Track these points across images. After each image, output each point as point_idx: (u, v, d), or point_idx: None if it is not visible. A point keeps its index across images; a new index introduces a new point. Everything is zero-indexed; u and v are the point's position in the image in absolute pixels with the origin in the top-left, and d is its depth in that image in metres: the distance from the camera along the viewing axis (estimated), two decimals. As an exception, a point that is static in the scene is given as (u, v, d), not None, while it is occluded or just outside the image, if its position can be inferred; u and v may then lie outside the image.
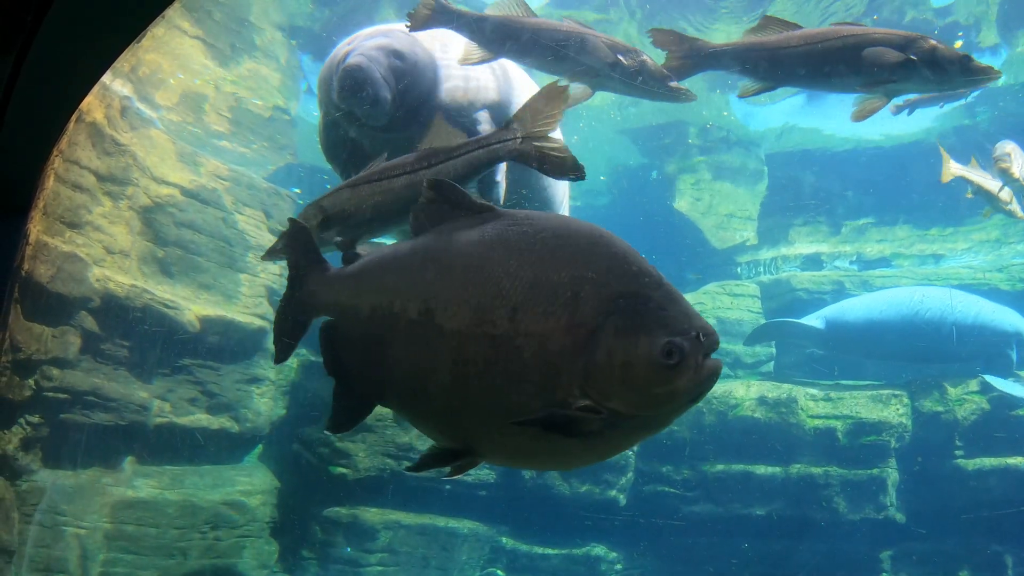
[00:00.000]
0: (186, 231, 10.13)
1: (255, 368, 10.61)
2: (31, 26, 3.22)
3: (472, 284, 2.73)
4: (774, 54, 4.83)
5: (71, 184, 8.39)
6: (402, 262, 3.06)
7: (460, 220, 2.95)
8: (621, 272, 2.63)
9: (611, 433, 2.61)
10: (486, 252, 2.76)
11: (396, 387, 3.03)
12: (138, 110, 10.08)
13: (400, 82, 5.27)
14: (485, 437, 2.81)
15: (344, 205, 4.15)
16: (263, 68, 11.75)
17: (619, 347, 2.51)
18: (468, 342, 2.68)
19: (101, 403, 8.77)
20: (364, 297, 3.10)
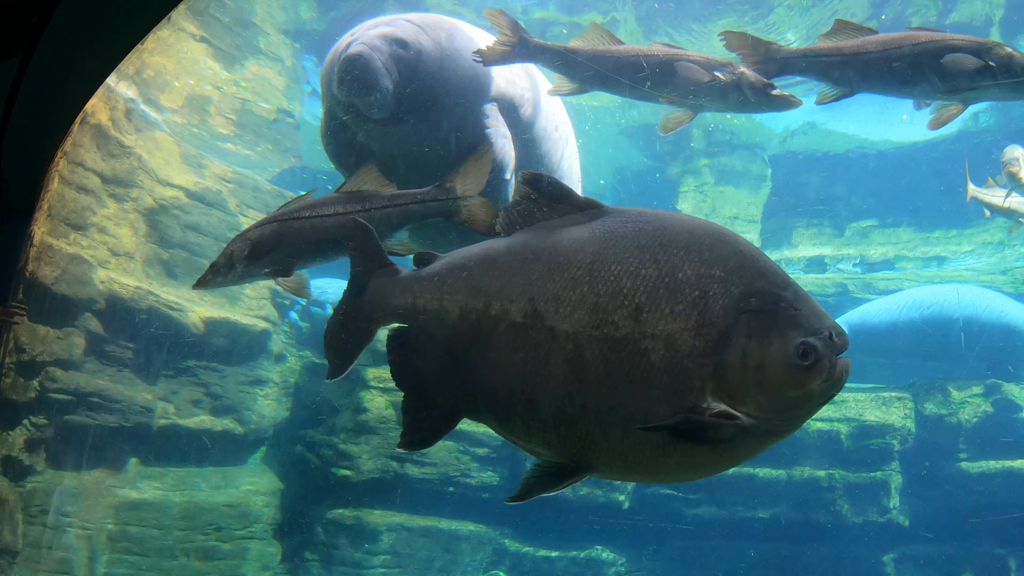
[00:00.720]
0: (191, 233, 10.16)
1: (259, 370, 10.63)
2: (36, 29, 3.24)
3: (587, 283, 2.55)
4: (851, 60, 4.67)
5: (76, 186, 8.42)
6: (498, 261, 2.81)
7: (563, 217, 2.79)
8: (749, 270, 2.50)
9: (742, 440, 2.46)
10: (601, 249, 2.58)
11: (494, 397, 2.77)
12: (143, 112, 10.12)
13: (403, 72, 5.01)
14: (603, 449, 2.58)
15: (272, 239, 4.16)
16: (267, 71, 11.77)
17: (753, 349, 2.38)
18: (586, 345, 2.50)
19: (105, 404, 8.80)
20: (451, 299, 2.87)
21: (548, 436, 2.67)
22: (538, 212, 2.83)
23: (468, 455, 10.69)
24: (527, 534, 10.70)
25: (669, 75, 4.83)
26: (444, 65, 5.19)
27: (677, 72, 4.78)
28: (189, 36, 10.34)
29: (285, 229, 4.19)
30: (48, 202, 6.02)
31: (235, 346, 10.29)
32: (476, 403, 2.87)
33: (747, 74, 4.76)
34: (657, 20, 11.51)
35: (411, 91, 5.08)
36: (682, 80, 4.80)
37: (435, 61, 5.15)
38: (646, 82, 4.91)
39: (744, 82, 4.75)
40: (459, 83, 5.23)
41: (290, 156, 13.02)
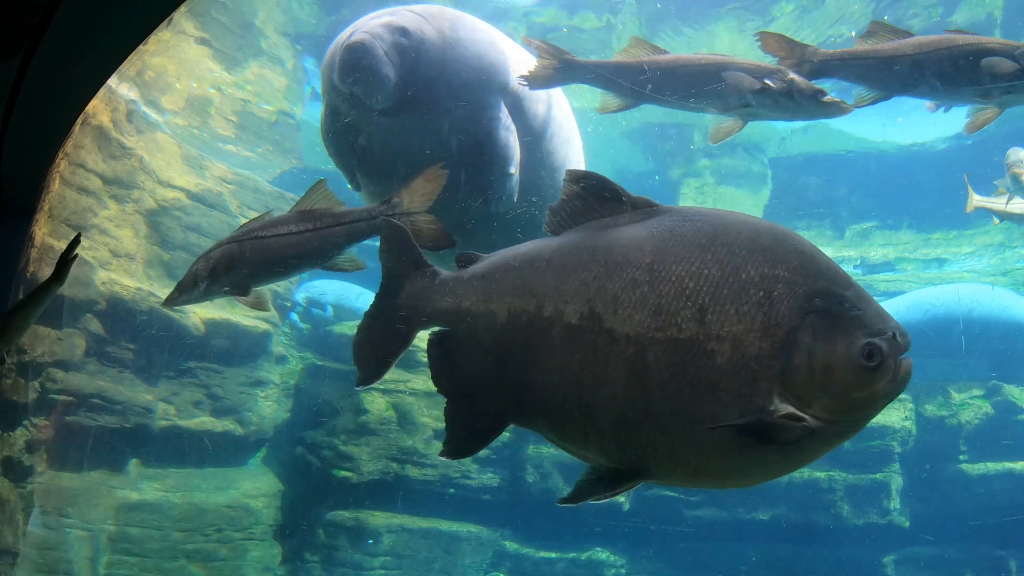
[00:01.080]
0: (192, 235, 10.17)
1: (259, 371, 10.63)
2: (36, 30, 3.25)
3: (648, 283, 2.48)
4: (888, 63, 4.59)
5: (77, 187, 8.42)
6: (550, 261, 2.72)
7: (616, 216, 2.71)
8: (812, 270, 2.46)
9: (808, 442, 2.42)
10: (660, 249, 2.51)
11: (547, 402, 2.67)
12: (144, 114, 10.12)
13: (405, 60, 4.91)
14: (665, 454, 2.52)
15: (231, 259, 4.24)
16: (268, 72, 11.78)
17: (819, 349, 2.35)
18: (649, 348, 2.42)
19: (106, 406, 8.80)
20: (499, 301, 2.76)
21: (606, 443, 2.59)
22: (587, 211, 2.75)
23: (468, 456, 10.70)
24: (527, 536, 10.70)
25: (716, 83, 4.72)
26: (447, 54, 5.08)
27: (726, 81, 4.66)
28: (190, 38, 10.35)
29: (243, 249, 4.24)
30: (49, 203, 6.03)
31: (236, 347, 10.30)
32: (526, 409, 2.77)
33: (797, 81, 4.64)
34: (658, 23, 11.53)
35: (413, 80, 4.96)
36: (731, 89, 4.67)
37: (438, 50, 5.04)
38: (695, 93, 4.78)
39: (795, 89, 4.63)
40: (462, 73, 5.12)
41: (291, 157, 13.02)
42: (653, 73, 4.81)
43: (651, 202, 2.72)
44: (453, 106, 5.13)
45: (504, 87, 5.30)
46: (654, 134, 14.45)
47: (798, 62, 4.75)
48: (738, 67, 4.68)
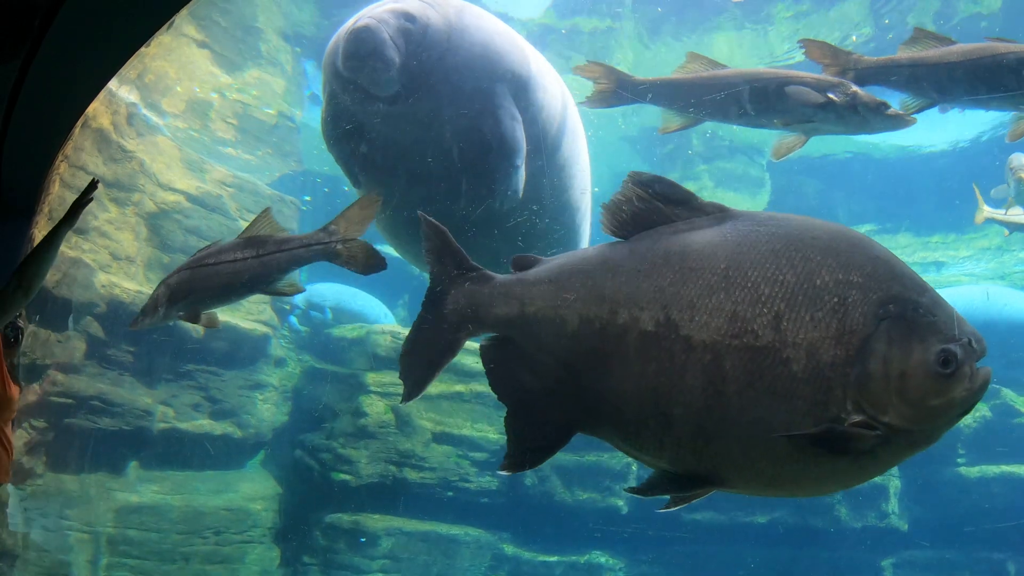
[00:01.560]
0: (191, 237, 10.18)
1: (258, 374, 10.63)
2: (37, 33, 3.26)
3: (723, 289, 2.42)
4: (933, 71, 4.49)
5: (77, 190, 8.38)
6: (622, 266, 2.63)
7: (686, 221, 2.64)
8: (886, 275, 2.41)
9: (882, 451, 2.38)
10: (735, 254, 2.46)
11: (622, 411, 2.59)
12: (144, 117, 10.13)
13: (410, 45, 4.80)
14: (741, 463, 2.47)
15: (186, 285, 4.39)
16: (268, 76, 11.79)
17: (894, 356, 2.30)
18: (726, 355, 2.37)
19: (106, 408, 8.81)
20: (570, 307, 2.66)
21: (682, 452, 2.52)
22: (654, 214, 2.69)
23: (467, 460, 10.69)
24: (526, 539, 10.70)
25: (780, 98, 4.60)
26: (452, 40, 4.97)
27: (789, 95, 4.55)
28: (191, 41, 10.37)
29: (194, 276, 4.40)
30: (49, 205, 6.05)
31: (235, 350, 10.30)
32: (596, 417, 2.69)
33: (860, 94, 4.54)
34: (656, 28, 11.55)
35: (418, 66, 4.83)
36: (795, 104, 4.56)
37: (443, 36, 4.94)
38: (757, 108, 4.67)
39: (859, 102, 4.53)
40: (468, 58, 5.00)
41: (290, 161, 13.03)
42: (714, 89, 4.70)
43: (722, 207, 2.67)
44: (458, 93, 5.00)
45: (510, 75, 5.16)
46: (652, 138, 14.47)
47: (842, 69, 4.66)
48: (800, 81, 4.57)
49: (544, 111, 5.42)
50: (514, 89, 5.13)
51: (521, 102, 5.12)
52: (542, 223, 5.59)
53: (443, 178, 4.97)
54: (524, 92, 5.18)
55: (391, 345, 11.12)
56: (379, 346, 11.15)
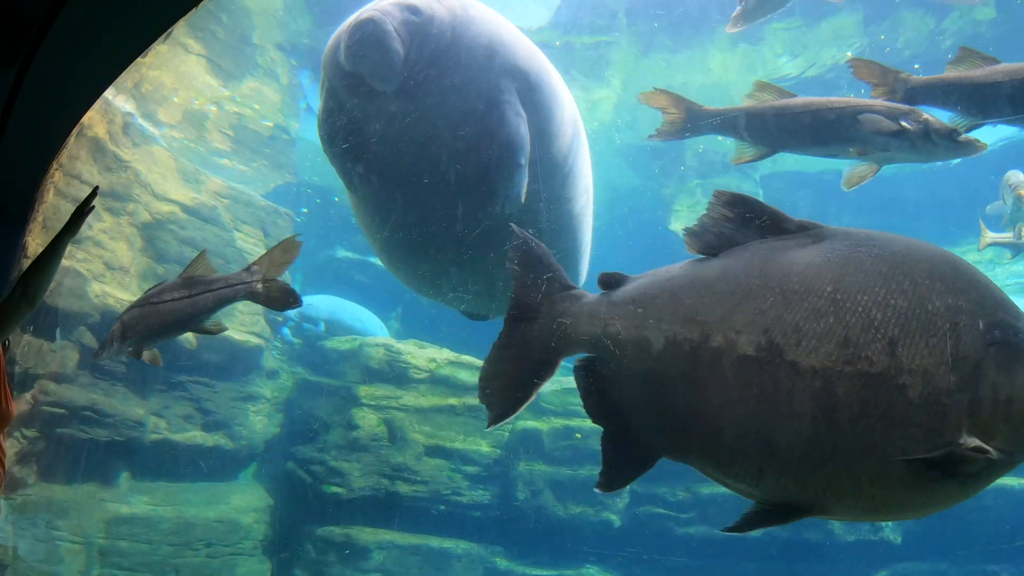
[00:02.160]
0: (186, 248, 10.17)
1: (250, 386, 10.60)
2: (34, 40, 3.28)
3: (832, 314, 2.37)
4: (981, 89, 4.43)
5: (72, 199, 8.42)
6: (713, 286, 2.56)
7: (779, 240, 2.57)
8: (991, 300, 2.42)
9: (987, 473, 2.38)
10: (841, 277, 2.41)
11: (717, 438, 2.50)
12: (140, 126, 10.13)
13: (414, 37, 4.67)
14: (848, 490, 2.41)
15: (134, 322, 4.66)
16: (264, 87, 11.82)
17: (1002, 382, 2.30)
18: (838, 382, 2.31)
19: (98, 418, 8.77)
20: (654, 328, 2.59)
21: (784, 480, 2.44)
22: (743, 233, 2.63)
23: (459, 473, 10.67)
24: (519, 553, 10.66)
25: (853, 127, 4.50)
26: (457, 31, 4.82)
27: (863, 124, 4.46)
28: (188, 51, 10.39)
29: (141, 314, 4.66)
30: (43, 213, 6.04)
31: (228, 362, 10.28)
32: (684, 443, 2.61)
33: (932, 121, 4.45)
34: (650, 42, 11.62)
35: (422, 57, 4.69)
36: (868, 132, 4.47)
37: (448, 27, 4.79)
38: (832, 137, 4.58)
39: (931, 129, 4.44)
40: (473, 50, 4.84)
41: (285, 172, 13.04)
42: (786, 119, 4.58)
43: (816, 224, 2.61)
44: (461, 86, 4.81)
45: (515, 70, 4.96)
46: (646, 152, 14.53)
47: (890, 89, 4.60)
48: (871, 109, 4.48)
49: (549, 112, 5.20)
50: (519, 85, 4.94)
51: (526, 101, 4.94)
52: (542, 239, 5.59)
53: (442, 177, 4.77)
54: (529, 91, 5.00)
55: (384, 358, 11.11)
56: (372, 359, 11.14)
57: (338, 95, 5.02)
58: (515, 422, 11.07)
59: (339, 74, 4.86)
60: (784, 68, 11.83)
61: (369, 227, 5.50)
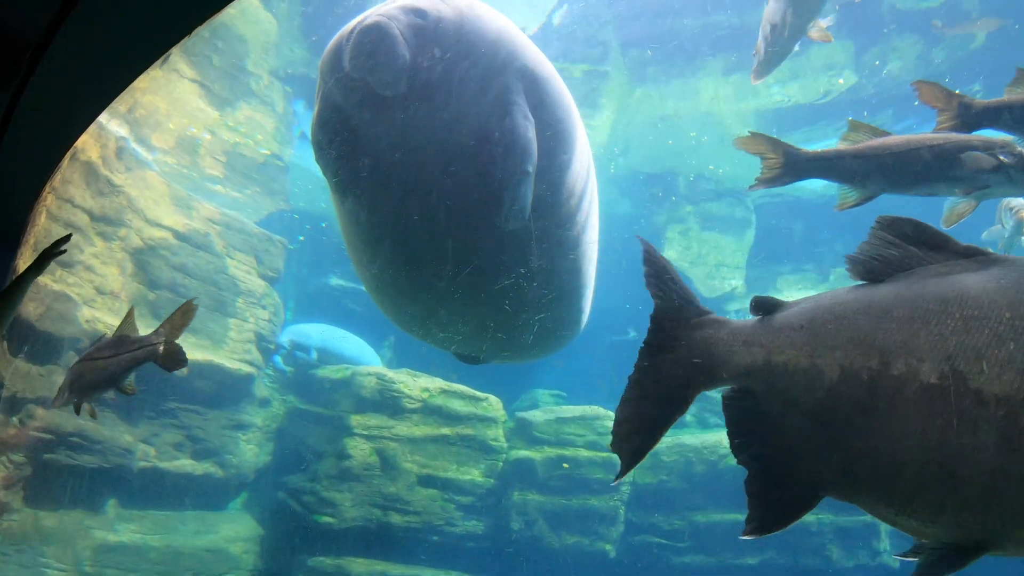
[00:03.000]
0: (177, 274, 10.14)
1: (241, 414, 10.52)
2: (28, 66, 3.27)
3: (1012, 339, 2.26)
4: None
5: (64, 222, 8.40)
6: (888, 312, 2.45)
7: (946, 264, 2.49)
8: None
9: None
10: (1016, 303, 2.31)
11: (892, 472, 2.38)
12: (134, 151, 10.15)
13: (421, 40, 4.48)
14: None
15: (76, 375, 5.00)
16: (258, 114, 11.85)
17: None
18: (1021, 411, 2.20)
19: (86, 445, 8.67)
20: (828, 356, 2.47)
21: (964, 515, 2.31)
22: (910, 258, 2.54)
23: (453, 503, 10.57)
24: (512, 583, 10.56)
25: (954, 165, 4.38)
26: (464, 29, 4.60)
27: (965, 162, 4.34)
28: (183, 77, 10.43)
29: (81, 368, 4.98)
30: (35, 237, 6.01)
31: (219, 390, 10.20)
32: (854, 479, 2.47)
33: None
34: (643, 70, 11.72)
35: (428, 59, 4.47)
36: (971, 170, 4.36)
37: (455, 26, 4.58)
38: (934, 176, 4.43)
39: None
40: (480, 47, 4.59)
41: (278, 200, 13.06)
42: (886, 160, 4.44)
43: (980, 249, 2.52)
44: (467, 84, 4.55)
45: (523, 71, 4.67)
46: (639, 180, 14.61)
47: (957, 116, 4.53)
48: (969, 145, 4.37)
49: (555, 119, 4.85)
50: (527, 88, 4.67)
51: (534, 105, 4.64)
52: (542, 265, 4.94)
53: (443, 184, 4.46)
54: (536, 96, 4.69)
55: (376, 387, 11.05)
56: (365, 388, 11.08)
57: (336, 101, 4.80)
58: (508, 451, 11.00)
59: (338, 79, 4.67)
60: (776, 96, 11.94)
61: (359, 246, 5.26)
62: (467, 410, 11.14)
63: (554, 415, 11.26)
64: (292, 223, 14.07)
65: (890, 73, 11.26)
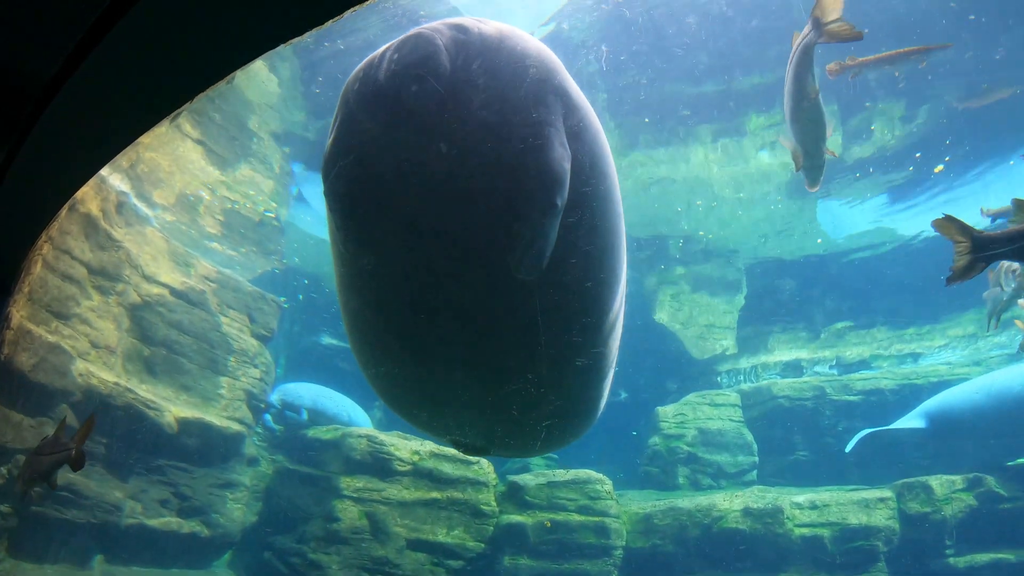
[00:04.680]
0: (172, 331, 10.18)
1: (229, 473, 10.43)
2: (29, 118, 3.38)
3: None
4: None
5: (61, 274, 8.47)
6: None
7: None
8: None
9: None
10: None
11: None
12: (134, 206, 10.28)
13: (460, 54, 4.15)
14: None
15: (29, 467, 6.01)
16: (257, 174, 12.03)
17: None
18: None
19: (74, 499, 8.59)
20: None
21: None
22: None
23: (443, 567, 10.42)
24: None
25: None
26: (504, 44, 4.19)
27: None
28: (186, 136, 10.62)
29: (31, 463, 5.93)
30: (30, 285, 6.08)
31: (208, 447, 10.14)
32: None
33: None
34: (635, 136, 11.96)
35: (466, 77, 4.06)
36: None
37: (495, 40, 4.21)
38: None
39: None
40: (520, 59, 4.20)
41: (273, 259, 13.17)
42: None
43: None
44: (501, 100, 4.12)
45: (561, 91, 4.24)
46: (631, 244, 14.76)
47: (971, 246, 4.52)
48: None
49: (591, 156, 4.32)
50: (566, 117, 4.22)
51: (570, 137, 4.21)
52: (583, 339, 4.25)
53: (457, 223, 3.96)
54: (576, 126, 4.24)
55: (367, 449, 10.98)
56: (355, 449, 11.00)
57: (357, 122, 4.27)
58: (499, 515, 10.88)
59: (365, 100, 4.20)
60: (764, 160, 12.17)
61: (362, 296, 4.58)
62: (458, 473, 11.05)
63: (546, 479, 11.17)
64: (286, 282, 14.16)
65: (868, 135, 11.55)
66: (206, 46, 2.78)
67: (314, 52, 9.66)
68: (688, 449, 12.93)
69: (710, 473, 12.80)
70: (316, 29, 2.28)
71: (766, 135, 11.66)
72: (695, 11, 9.54)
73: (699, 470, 12.65)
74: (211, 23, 2.35)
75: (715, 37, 9.92)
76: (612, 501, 10.93)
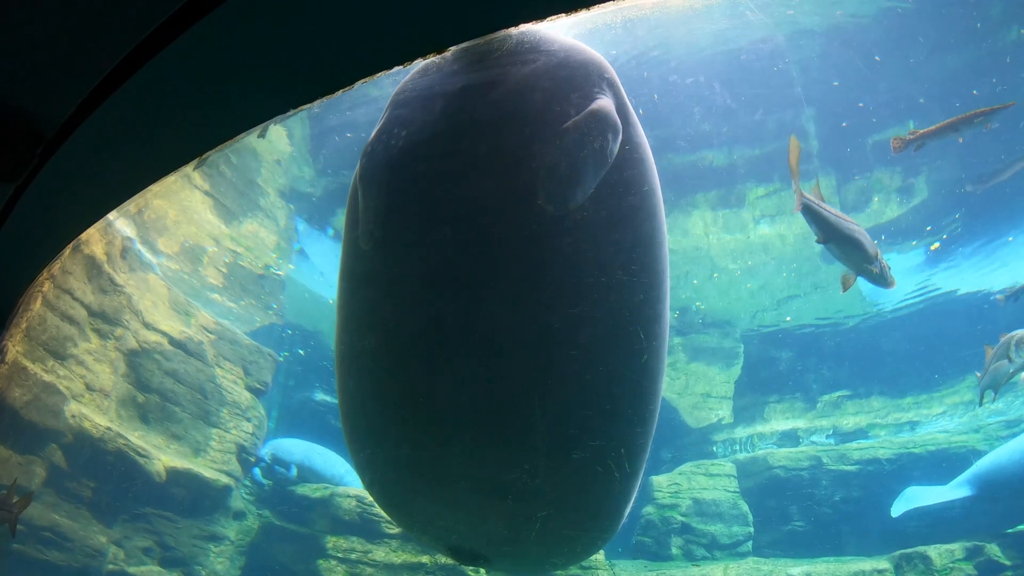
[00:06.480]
0: (168, 379, 10.21)
1: (215, 525, 10.33)
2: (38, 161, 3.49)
3: None
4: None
5: (61, 313, 8.54)
6: None
7: None
8: None
9: None
10: None
11: None
12: (139, 252, 10.40)
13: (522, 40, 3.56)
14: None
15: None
16: (262, 229, 12.18)
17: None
18: None
19: (57, 540, 8.51)
20: None
21: None
22: None
23: (428, 632, 10.25)
24: None
25: None
26: (560, 43, 3.74)
27: None
28: (195, 187, 10.81)
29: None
30: (27, 321, 6.14)
31: (194, 498, 10.06)
32: None
33: None
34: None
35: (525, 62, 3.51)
36: None
37: (550, 35, 3.73)
38: None
39: None
40: (577, 55, 3.70)
41: (271, 313, 13.22)
42: None
43: None
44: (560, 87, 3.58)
45: (612, 83, 3.71)
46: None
47: None
48: None
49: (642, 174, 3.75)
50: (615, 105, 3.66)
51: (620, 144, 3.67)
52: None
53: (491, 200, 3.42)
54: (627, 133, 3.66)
55: (355, 509, 10.88)
56: (343, 509, 10.90)
57: (406, 115, 3.78)
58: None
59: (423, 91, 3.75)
60: (763, 230, 12.30)
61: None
62: (448, 537, 10.92)
63: (536, 543, 11.02)
64: (282, 337, 14.21)
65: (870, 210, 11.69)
66: (217, 107, 2.88)
67: (325, 120, 9.87)
68: (682, 519, 12.78)
69: (704, 544, 12.62)
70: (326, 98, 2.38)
71: (766, 204, 11.81)
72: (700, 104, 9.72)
73: (693, 540, 12.48)
74: (223, 86, 2.46)
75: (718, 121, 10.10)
76: (605, 572, 10.78)
